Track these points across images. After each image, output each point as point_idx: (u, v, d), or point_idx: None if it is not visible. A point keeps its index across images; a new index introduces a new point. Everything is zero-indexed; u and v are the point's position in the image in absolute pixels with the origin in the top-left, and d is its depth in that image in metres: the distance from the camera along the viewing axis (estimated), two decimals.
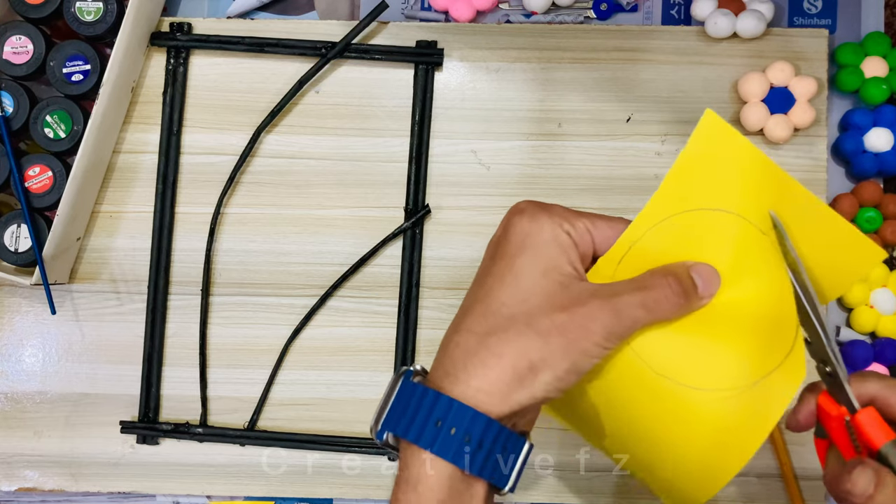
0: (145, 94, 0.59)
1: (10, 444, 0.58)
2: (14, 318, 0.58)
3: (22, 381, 0.58)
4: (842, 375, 0.37)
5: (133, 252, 0.58)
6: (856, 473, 0.35)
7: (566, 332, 0.34)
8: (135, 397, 0.58)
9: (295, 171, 0.58)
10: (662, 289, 0.36)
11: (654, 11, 0.59)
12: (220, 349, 0.58)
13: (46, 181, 0.55)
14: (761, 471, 0.56)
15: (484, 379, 0.34)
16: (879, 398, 0.38)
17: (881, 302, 0.56)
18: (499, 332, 0.35)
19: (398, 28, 0.58)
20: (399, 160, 0.58)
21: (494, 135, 0.58)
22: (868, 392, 0.38)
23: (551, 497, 0.56)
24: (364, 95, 0.58)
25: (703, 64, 0.57)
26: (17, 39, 0.55)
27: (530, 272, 0.36)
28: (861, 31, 0.59)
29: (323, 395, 0.57)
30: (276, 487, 0.57)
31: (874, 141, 0.56)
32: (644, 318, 0.35)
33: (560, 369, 0.34)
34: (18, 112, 0.55)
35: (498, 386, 0.34)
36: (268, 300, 0.58)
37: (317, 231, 0.58)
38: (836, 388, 0.37)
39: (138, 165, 0.59)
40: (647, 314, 0.35)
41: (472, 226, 0.57)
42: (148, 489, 0.57)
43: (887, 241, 0.56)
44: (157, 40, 0.58)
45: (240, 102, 0.58)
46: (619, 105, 0.57)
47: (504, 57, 0.58)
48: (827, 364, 0.37)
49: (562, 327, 0.34)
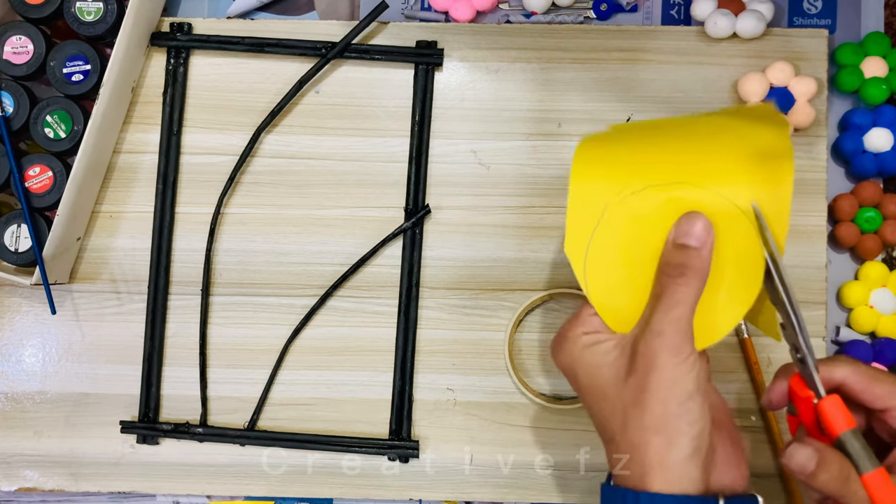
0: (145, 94, 0.59)
1: (10, 444, 0.58)
2: (14, 318, 0.58)
3: (22, 381, 0.58)
4: (810, 363, 0.38)
5: (133, 252, 0.58)
6: (791, 449, 0.37)
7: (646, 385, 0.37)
8: (135, 397, 0.58)
9: (295, 172, 0.58)
10: (668, 284, 0.38)
11: (654, 11, 0.59)
12: (220, 349, 0.58)
13: (46, 181, 0.55)
14: (761, 471, 0.56)
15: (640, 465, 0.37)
16: (847, 384, 0.39)
17: (881, 302, 0.56)
18: (618, 433, 0.38)
19: (398, 28, 0.58)
20: (399, 160, 0.58)
21: (494, 135, 0.58)
22: (837, 377, 0.39)
23: (551, 497, 0.56)
24: (364, 95, 0.58)
25: (703, 64, 0.57)
26: (17, 39, 0.55)
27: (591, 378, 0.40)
28: (861, 31, 0.59)
29: (323, 395, 0.57)
30: (276, 487, 0.57)
31: (874, 141, 0.56)
32: (680, 314, 0.37)
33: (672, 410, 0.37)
34: (18, 112, 0.55)
35: (651, 464, 0.37)
36: (268, 300, 0.58)
37: (317, 231, 0.58)
38: (806, 374, 0.39)
39: (138, 165, 0.59)
40: (678, 310, 0.37)
41: (472, 226, 0.57)
42: (148, 489, 0.57)
43: (887, 241, 0.56)
44: (157, 40, 0.58)
45: (240, 102, 0.58)
46: (619, 105, 0.57)
47: (504, 57, 0.58)
48: (798, 350, 0.38)
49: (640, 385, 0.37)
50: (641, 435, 0.37)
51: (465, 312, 0.57)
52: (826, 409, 0.37)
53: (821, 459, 0.37)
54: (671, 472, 0.36)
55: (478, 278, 0.57)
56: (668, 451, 0.36)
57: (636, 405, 0.37)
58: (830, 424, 0.37)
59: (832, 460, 0.37)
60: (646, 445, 0.37)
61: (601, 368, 0.39)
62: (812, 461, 0.37)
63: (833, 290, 0.57)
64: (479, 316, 0.57)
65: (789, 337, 0.39)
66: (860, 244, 0.56)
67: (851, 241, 0.56)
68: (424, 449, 0.57)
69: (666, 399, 0.36)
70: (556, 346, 0.42)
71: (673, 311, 0.37)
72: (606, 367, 0.39)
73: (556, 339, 0.42)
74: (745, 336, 0.56)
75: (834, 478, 0.36)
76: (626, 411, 0.38)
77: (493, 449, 0.56)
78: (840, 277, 0.57)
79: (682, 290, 0.37)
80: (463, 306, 0.57)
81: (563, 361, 0.41)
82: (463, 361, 0.57)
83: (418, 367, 0.57)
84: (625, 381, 0.38)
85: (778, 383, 0.41)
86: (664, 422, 0.36)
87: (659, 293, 0.38)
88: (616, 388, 0.38)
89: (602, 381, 0.39)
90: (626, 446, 0.38)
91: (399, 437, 0.57)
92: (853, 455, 0.37)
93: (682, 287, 0.37)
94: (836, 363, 0.39)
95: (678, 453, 0.36)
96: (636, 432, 0.37)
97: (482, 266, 0.57)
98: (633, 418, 0.37)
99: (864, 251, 0.56)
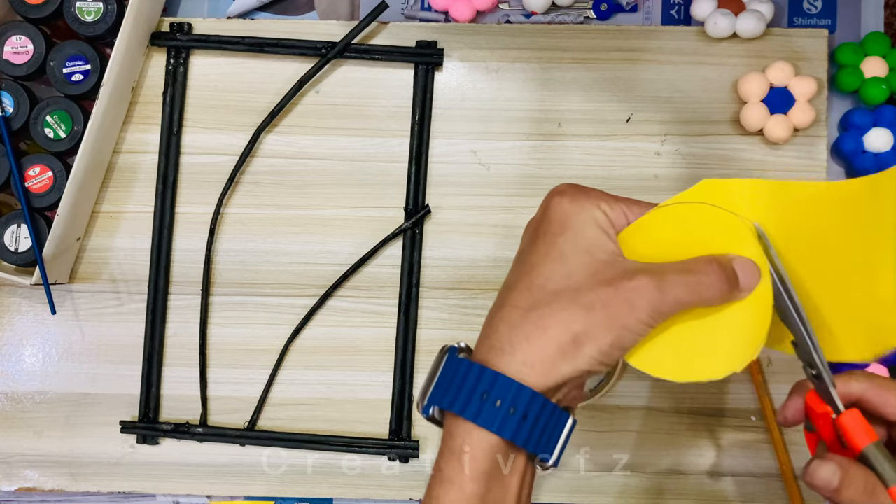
0: (145, 94, 0.59)
1: (10, 444, 0.58)
2: (14, 318, 0.58)
3: (22, 381, 0.58)
4: (827, 379, 0.38)
5: (133, 252, 0.58)
6: (814, 466, 0.37)
7: (610, 306, 0.35)
8: (135, 397, 0.58)
9: (295, 172, 0.58)
10: (708, 274, 0.37)
11: (654, 11, 0.59)
12: (220, 349, 0.58)
13: (46, 181, 0.55)
14: (761, 471, 0.56)
15: (528, 352, 0.35)
16: (865, 398, 0.39)
17: None
18: (542, 307, 0.36)
19: (398, 28, 0.58)
20: (399, 160, 0.58)
21: (494, 135, 0.58)
22: (854, 392, 0.39)
23: (551, 497, 0.56)
24: (364, 95, 0.58)
25: (703, 64, 0.57)
26: (17, 39, 0.55)
27: (573, 249, 0.37)
28: (861, 31, 0.59)
29: (323, 395, 0.57)
30: (276, 487, 0.57)
31: (874, 141, 0.56)
32: (687, 299, 0.36)
33: (604, 342, 0.35)
34: (18, 112, 0.55)
35: (542, 358, 0.35)
36: (268, 300, 0.58)
37: (317, 231, 0.58)
38: (822, 390, 0.38)
39: (138, 165, 0.59)
40: (690, 296, 0.36)
41: (472, 226, 0.57)
42: (148, 489, 0.57)
43: None
44: (157, 40, 0.58)
45: (240, 102, 0.58)
46: (619, 105, 0.57)
47: (504, 57, 0.58)
48: (813, 367, 0.38)
49: (606, 301, 0.35)
50: (562, 332, 0.35)
51: (465, 312, 0.57)
52: (846, 423, 0.37)
53: (844, 474, 0.36)
54: (550, 378, 0.35)
55: (478, 278, 0.57)
56: (566, 363, 0.35)
57: (587, 310, 0.35)
58: (852, 439, 0.37)
59: (857, 475, 0.36)
60: (553, 342, 0.35)
61: (588, 254, 0.37)
62: (836, 477, 0.36)
63: None
64: (479, 316, 0.57)
65: (803, 354, 0.38)
66: None
67: None
68: (424, 449, 0.57)
69: (610, 331, 0.35)
70: (569, 191, 0.38)
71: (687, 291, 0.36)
72: (593, 257, 0.37)
73: (574, 187, 0.39)
74: None
75: (860, 492, 0.36)
76: (573, 303, 0.35)
77: None
78: None
79: (708, 289, 0.36)
80: (463, 306, 0.57)
81: (563, 209, 0.38)
82: None
83: (418, 367, 0.57)
84: (597, 284, 0.36)
85: (793, 400, 0.40)
86: (591, 343, 0.35)
87: (691, 269, 0.37)
88: (583, 279, 0.36)
89: (577, 262, 0.36)
90: (536, 327, 0.35)
91: (399, 437, 0.57)
92: (878, 468, 0.36)
93: (710, 287, 0.36)
94: (853, 377, 0.39)
95: (570, 370, 0.35)
96: (561, 326, 0.35)
97: (482, 266, 0.57)
98: (572, 313, 0.35)
99: None
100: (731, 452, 0.56)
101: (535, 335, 0.35)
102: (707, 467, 0.56)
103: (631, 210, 0.38)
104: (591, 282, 0.36)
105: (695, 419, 0.56)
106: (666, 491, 0.56)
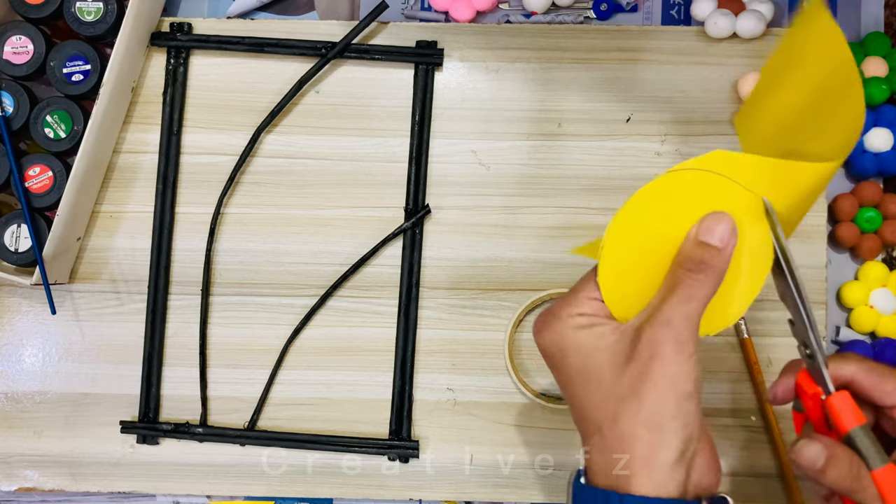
0: (145, 94, 0.59)
1: (10, 444, 0.58)
2: (14, 318, 0.58)
3: (22, 381, 0.58)
4: (820, 359, 0.38)
5: (133, 252, 0.58)
6: (800, 445, 0.37)
7: (647, 376, 0.36)
8: (135, 397, 0.58)
9: (295, 171, 0.58)
10: (686, 277, 0.37)
11: (654, 11, 0.59)
12: (220, 349, 0.58)
13: (46, 181, 0.55)
14: (761, 471, 0.56)
15: (626, 465, 0.36)
16: (856, 381, 0.39)
17: (880, 302, 0.56)
18: (605, 423, 0.37)
19: (398, 28, 0.58)
20: (399, 160, 0.58)
21: (494, 135, 0.58)
22: (846, 374, 0.39)
23: (551, 497, 0.56)
24: (364, 95, 0.58)
25: (703, 64, 0.57)
26: (17, 39, 0.55)
27: (583, 361, 0.38)
28: (861, 31, 0.59)
29: (323, 395, 0.57)
30: (276, 487, 0.57)
31: (874, 141, 0.56)
32: (692, 309, 0.36)
33: (670, 408, 0.35)
34: (18, 112, 0.55)
35: (638, 463, 0.35)
36: (268, 300, 0.58)
37: (317, 231, 0.58)
38: (814, 370, 0.38)
39: (138, 165, 0.59)
40: (691, 305, 0.36)
41: (472, 226, 0.57)
42: (148, 489, 0.57)
43: (887, 241, 0.56)
44: (157, 40, 0.58)
45: (240, 102, 0.58)
46: (619, 105, 0.57)
47: (504, 57, 0.58)
48: (808, 347, 0.38)
49: (640, 375, 0.36)
50: (634, 429, 0.36)
51: (465, 312, 0.57)
52: (835, 405, 0.37)
53: (830, 455, 0.36)
54: (658, 473, 0.35)
55: (478, 278, 0.57)
56: (659, 451, 0.35)
57: (633, 395, 0.36)
58: (840, 420, 0.37)
59: (842, 456, 0.36)
60: (636, 441, 0.36)
61: (596, 352, 0.37)
62: (822, 457, 0.36)
63: (833, 290, 0.57)
64: (479, 316, 0.57)
65: (798, 333, 0.38)
66: (860, 244, 0.56)
67: (851, 241, 0.56)
68: (424, 449, 0.57)
69: (665, 394, 0.35)
70: (542, 324, 0.40)
71: (685, 305, 0.36)
72: (603, 350, 0.37)
73: (543, 317, 0.40)
74: (745, 336, 0.56)
75: (844, 474, 0.36)
76: (621, 401, 0.36)
77: (493, 449, 0.56)
78: (840, 277, 0.57)
79: (698, 286, 0.36)
80: (463, 306, 0.57)
81: (551, 340, 0.39)
82: (463, 361, 0.57)
83: (418, 367, 0.57)
84: (623, 367, 0.36)
85: (784, 379, 0.41)
86: (660, 420, 0.35)
87: (673, 285, 0.37)
88: (612, 374, 0.37)
89: (596, 365, 0.37)
90: (615, 440, 0.36)
91: (399, 437, 0.57)
92: (863, 451, 0.36)
93: (698, 284, 0.36)
94: (845, 359, 0.39)
95: (669, 454, 0.35)
96: (628, 426, 0.36)
97: (482, 266, 0.57)
98: (627, 410, 0.36)
99: (864, 251, 0.56)
100: (731, 452, 0.56)
101: (620, 448, 0.36)
102: None
103: (588, 290, 0.39)
104: (617, 371, 0.37)
105: None
106: None
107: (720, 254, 0.37)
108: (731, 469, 0.56)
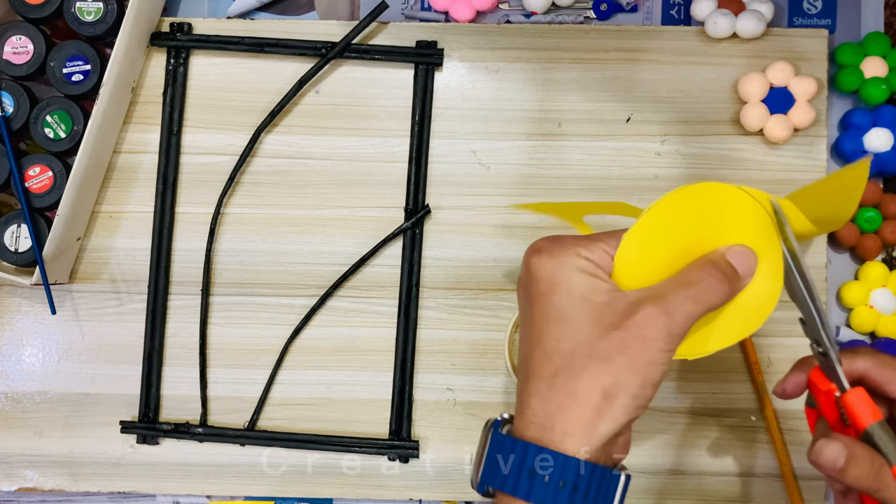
0: (145, 94, 0.59)
1: (10, 444, 0.58)
2: (14, 318, 0.58)
3: (22, 381, 0.58)
4: (833, 357, 0.38)
5: (133, 252, 0.58)
6: (819, 445, 0.37)
7: (626, 349, 0.35)
8: (135, 397, 0.58)
9: (295, 171, 0.58)
10: (705, 280, 0.37)
11: (654, 11, 0.59)
12: (220, 349, 0.58)
13: (46, 181, 0.55)
14: (761, 471, 0.56)
15: (566, 422, 0.35)
16: (869, 375, 0.39)
17: (880, 302, 0.56)
18: (564, 371, 0.36)
19: (398, 28, 0.58)
20: (399, 160, 0.58)
21: (494, 135, 0.58)
22: (858, 369, 0.39)
23: None
24: (364, 95, 0.58)
25: (703, 64, 0.57)
26: (17, 39, 0.55)
27: (570, 303, 0.36)
28: (861, 31, 0.59)
29: (323, 395, 0.57)
30: (276, 487, 0.57)
31: (874, 141, 0.56)
32: (695, 311, 0.36)
33: (633, 386, 0.35)
34: (18, 112, 0.55)
35: (580, 425, 0.35)
36: (268, 300, 0.58)
37: (317, 231, 0.58)
38: (827, 368, 0.38)
39: (138, 165, 0.59)
40: (696, 306, 0.36)
41: (472, 226, 0.57)
42: (148, 489, 0.57)
43: (887, 241, 0.56)
44: (157, 40, 0.58)
45: (240, 102, 0.58)
46: (619, 105, 0.57)
47: (504, 57, 0.58)
48: (820, 345, 0.38)
49: (620, 345, 0.35)
50: (590, 391, 0.35)
51: (465, 312, 0.57)
52: (852, 402, 0.37)
53: (850, 455, 0.36)
54: (595, 440, 0.35)
55: (478, 278, 0.57)
56: (604, 421, 0.35)
57: (606, 360, 0.35)
58: (857, 418, 0.37)
59: (863, 455, 0.36)
60: (587, 403, 0.35)
61: (585, 302, 0.36)
62: (842, 457, 0.36)
63: (833, 290, 0.57)
64: (479, 316, 0.57)
65: (810, 331, 0.38)
66: (860, 244, 0.56)
67: (851, 241, 0.56)
68: (424, 449, 0.57)
69: (635, 373, 0.35)
70: (542, 248, 0.38)
71: (691, 304, 0.36)
72: (591, 304, 0.36)
73: (547, 241, 0.38)
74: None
75: (866, 472, 0.36)
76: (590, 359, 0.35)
77: None
78: (840, 277, 0.57)
79: (711, 292, 0.36)
80: (463, 306, 0.57)
81: (545, 266, 0.37)
82: (463, 361, 0.57)
83: (418, 367, 0.57)
84: (606, 330, 0.35)
85: (794, 375, 0.41)
86: (620, 393, 0.35)
87: (689, 282, 0.36)
88: (591, 331, 0.36)
89: (579, 314, 0.36)
90: (566, 393, 0.35)
91: (399, 437, 0.57)
92: (882, 447, 0.36)
93: (712, 291, 0.36)
94: (857, 355, 0.39)
95: (610, 427, 0.35)
96: (587, 385, 0.35)
97: (482, 266, 0.57)
98: (593, 370, 0.35)
99: (863, 251, 0.56)
100: (731, 452, 0.56)
101: (567, 403, 0.35)
102: (707, 467, 0.56)
103: (609, 244, 0.38)
104: (599, 329, 0.36)
105: (695, 419, 0.56)
106: (666, 491, 0.56)
107: (739, 282, 0.38)
108: (732, 469, 0.56)
